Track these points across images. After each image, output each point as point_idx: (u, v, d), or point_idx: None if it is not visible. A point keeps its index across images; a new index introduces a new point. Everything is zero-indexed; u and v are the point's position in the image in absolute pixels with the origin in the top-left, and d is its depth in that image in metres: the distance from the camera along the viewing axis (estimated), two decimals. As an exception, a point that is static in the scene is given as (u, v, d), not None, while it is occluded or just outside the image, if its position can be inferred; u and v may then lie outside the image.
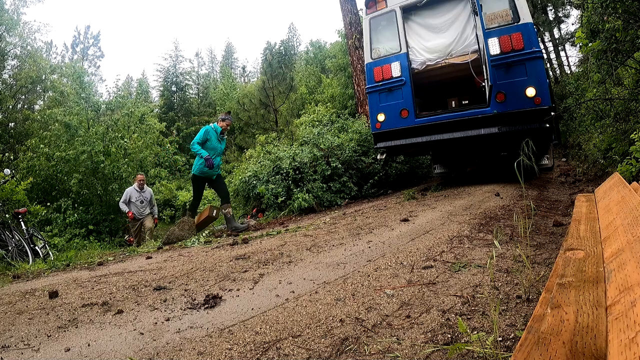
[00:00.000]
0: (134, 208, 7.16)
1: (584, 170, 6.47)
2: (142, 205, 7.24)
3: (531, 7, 10.48)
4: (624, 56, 5.13)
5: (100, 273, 2.89)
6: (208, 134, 5.08)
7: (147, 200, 7.32)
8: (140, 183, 7.30)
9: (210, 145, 5.06)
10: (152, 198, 7.53)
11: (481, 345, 1.15)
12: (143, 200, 7.25)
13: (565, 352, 0.82)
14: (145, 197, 7.30)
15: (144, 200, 7.26)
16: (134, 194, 7.22)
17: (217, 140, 5.14)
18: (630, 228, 1.49)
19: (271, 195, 6.44)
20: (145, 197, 7.30)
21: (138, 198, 7.21)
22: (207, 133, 5.07)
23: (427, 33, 5.64)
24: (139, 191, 7.25)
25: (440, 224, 3.14)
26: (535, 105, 4.64)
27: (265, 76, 19.15)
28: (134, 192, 7.25)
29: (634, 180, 3.56)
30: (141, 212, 7.21)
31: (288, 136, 13.05)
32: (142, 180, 7.37)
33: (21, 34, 15.99)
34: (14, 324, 1.79)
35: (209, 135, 5.08)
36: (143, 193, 7.29)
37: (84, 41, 40.24)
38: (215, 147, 5.13)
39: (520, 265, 1.91)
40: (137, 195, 7.22)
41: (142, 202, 7.24)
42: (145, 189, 7.36)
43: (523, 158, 1.95)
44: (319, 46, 25.14)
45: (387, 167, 7.34)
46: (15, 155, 13.79)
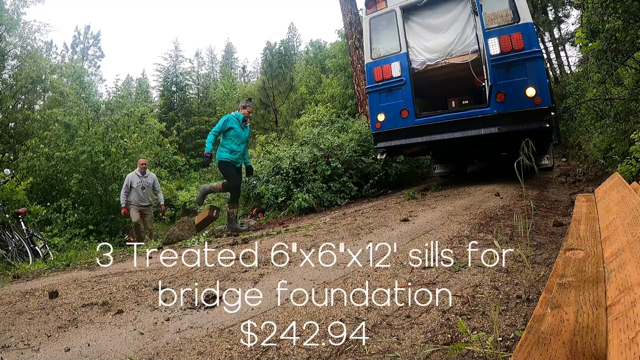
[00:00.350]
0: (135, 195, 6.76)
1: (584, 170, 6.47)
2: (144, 192, 6.85)
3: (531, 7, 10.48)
4: (624, 56, 5.13)
5: (100, 273, 2.89)
6: (228, 122, 4.93)
7: (149, 186, 6.92)
8: (142, 167, 6.90)
9: (233, 134, 4.93)
10: (156, 183, 7.14)
11: (481, 345, 1.15)
12: (145, 186, 6.85)
13: (565, 352, 0.82)
14: (147, 182, 6.89)
15: (145, 187, 6.85)
16: (135, 180, 6.82)
17: (240, 128, 5.02)
18: (630, 228, 1.49)
19: (271, 195, 6.44)
20: (147, 182, 6.89)
21: (139, 184, 6.80)
22: (227, 122, 4.93)
23: (427, 33, 5.63)
24: (140, 176, 6.87)
25: (440, 224, 3.14)
26: (535, 105, 4.64)
27: (265, 76, 19.16)
28: (135, 177, 6.85)
29: (634, 180, 3.56)
30: (142, 199, 6.84)
31: (288, 136, 13.05)
32: (144, 165, 6.97)
33: (21, 34, 15.98)
34: (14, 324, 1.79)
35: (231, 124, 4.94)
36: (145, 178, 6.89)
37: (84, 41, 40.25)
38: (239, 134, 5.00)
39: (520, 265, 1.91)
40: (138, 180, 6.82)
41: (144, 189, 6.84)
42: (147, 174, 6.98)
43: (523, 158, 1.95)
44: (319, 46, 25.12)
45: (387, 167, 7.34)
46: (15, 155, 13.78)
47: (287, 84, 18.45)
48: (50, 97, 16.12)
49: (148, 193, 6.95)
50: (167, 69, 30.07)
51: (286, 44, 35.75)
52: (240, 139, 5.04)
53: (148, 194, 6.96)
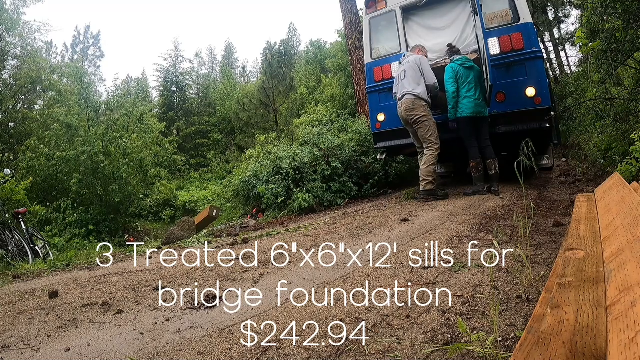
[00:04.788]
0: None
1: (584, 170, 6.47)
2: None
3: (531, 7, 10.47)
4: (624, 56, 5.13)
5: (100, 273, 2.89)
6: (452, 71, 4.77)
7: None
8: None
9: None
10: None
11: (481, 345, 1.15)
12: None
13: (565, 352, 0.82)
14: None
15: None
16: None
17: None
18: (630, 228, 1.49)
19: (271, 195, 6.44)
20: None
21: None
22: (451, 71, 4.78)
23: (427, 33, 5.63)
24: None
25: (440, 224, 3.14)
26: (535, 105, 4.64)
27: (265, 76, 19.16)
28: None
29: (634, 180, 3.56)
30: None
31: (288, 136, 13.05)
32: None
33: (21, 34, 15.98)
34: (14, 324, 1.79)
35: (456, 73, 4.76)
36: None
37: (84, 41, 40.26)
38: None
39: (520, 265, 1.91)
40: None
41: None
42: None
43: (523, 158, 1.95)
44: (319, 46, 25.14)
45: (387, 167, 7.34)
46: (15, 155, 13.79)
47: (287, 84, 18.45)
48: (50, 97, 16.12)
49: None
50: (167, 69, 30.07)
51: (286, 44, 35.77)
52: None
53: None
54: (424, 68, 4.76)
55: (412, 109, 4.71)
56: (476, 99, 4.67)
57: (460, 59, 4.84)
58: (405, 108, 4.74)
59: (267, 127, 17.80)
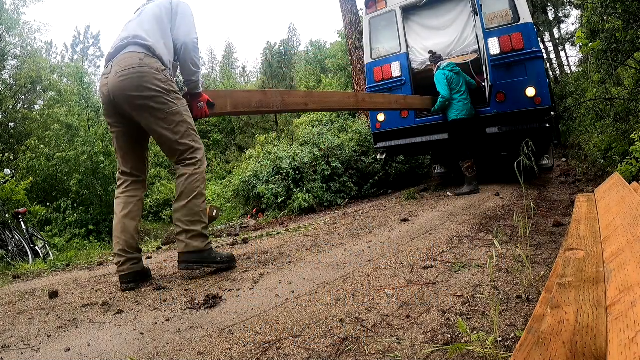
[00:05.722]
0: None
1: (584, 170, 6.47)
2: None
3: (531, 7, 10.47)
4: (624, 56, 5.13)
5: (100, 273, 2.89)
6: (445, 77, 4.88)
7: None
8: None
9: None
10: None
11: (481, 345, 1.15)
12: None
13: (565, 352, 0.82)
14: None
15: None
16: None
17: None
18: (630, 228, 1.49)
19: (271, 195, 6.44)
20: None
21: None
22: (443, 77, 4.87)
23: (427, 33, 5.63)
24: None
25: (440, 224, 3.14)
26: (535, 105, 4.64)
27: (265, 76, 19.18)
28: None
29: (634, 180, 3.56)
30: None
31: (288, 136, 13.05)
32: None
33: (21, 34, 15.98)
34: (14, 324, 1.79)
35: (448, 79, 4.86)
36: None
37: (84, 41, 40.30)
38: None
39: (520, 265, 1.91)
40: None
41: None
42: None
43: (523, 158, 1.95)
44: (319, 46, 25.12)
45: (387, 167, 7.34)
46: (15, 156, 13.79)
47: (287, 84, 18.46)
48: (50, 97, 16.13)
49: None
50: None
51: (286, 44, 35.77)
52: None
53: None
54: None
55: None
56: (469, 102, 4.88)
57: (448, 64, 4.96)
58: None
59: (267, 127, 17.80)
